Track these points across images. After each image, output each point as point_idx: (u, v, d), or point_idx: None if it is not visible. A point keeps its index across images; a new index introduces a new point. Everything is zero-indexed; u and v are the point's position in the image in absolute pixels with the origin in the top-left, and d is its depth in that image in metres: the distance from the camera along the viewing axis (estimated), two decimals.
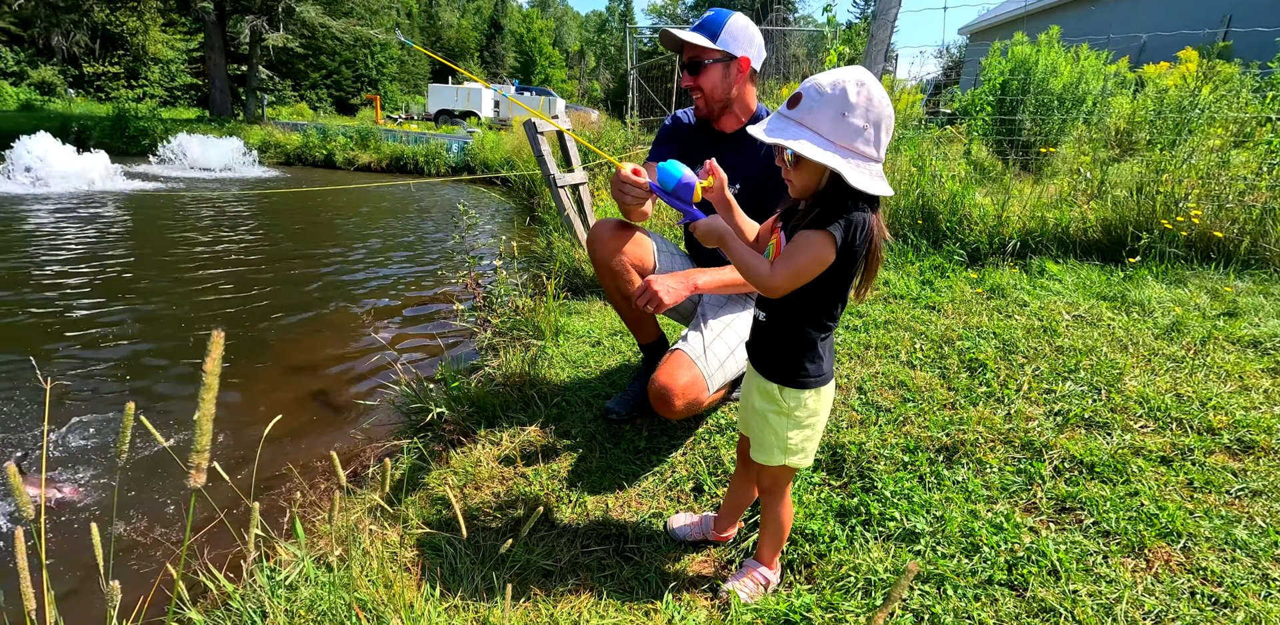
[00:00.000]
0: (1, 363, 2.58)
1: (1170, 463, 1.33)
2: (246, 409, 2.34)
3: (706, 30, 1.49)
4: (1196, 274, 2.50)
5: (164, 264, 4.37)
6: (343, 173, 13.21)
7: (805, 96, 0.89)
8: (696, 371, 1.44)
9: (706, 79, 1.52)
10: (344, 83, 36.02)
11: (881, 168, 0.90)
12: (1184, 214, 2.65)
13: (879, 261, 0.95)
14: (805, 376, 1.01)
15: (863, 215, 0.90)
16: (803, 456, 1.05)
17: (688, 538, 1.31)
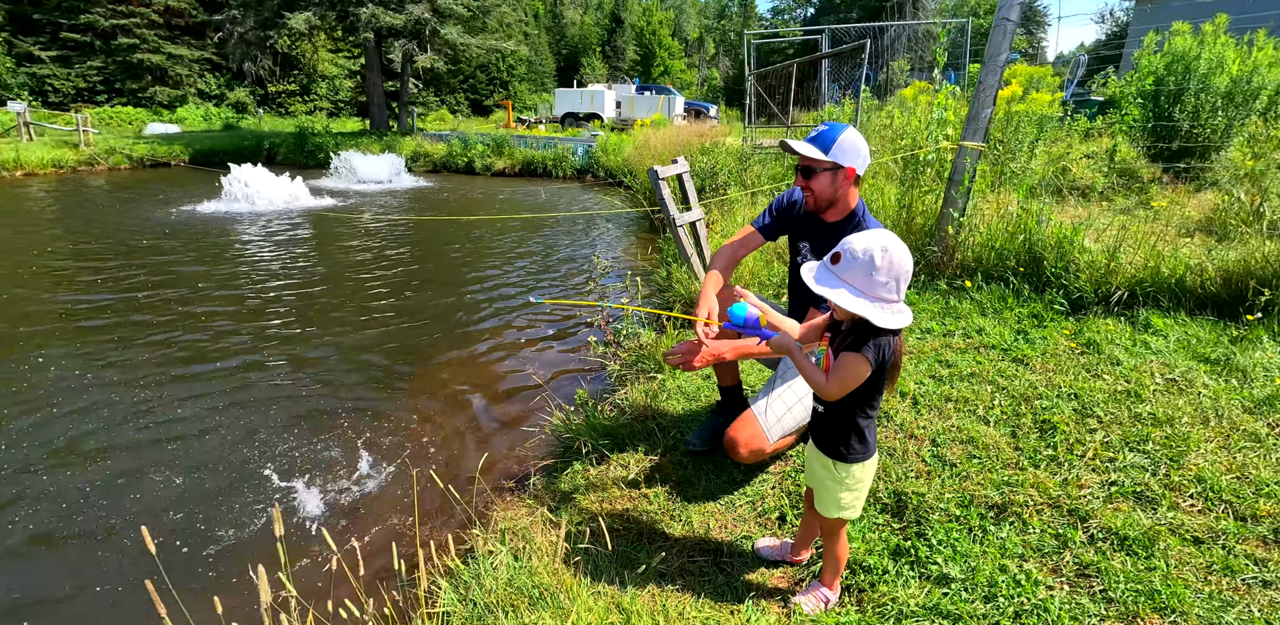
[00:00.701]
0: (234, 368, 3.50)
1: (1201, 543, 1.52)
2: (429, 423, 3.03)
3: (820, 143, 1.74)
4: None
5: (342, 278, 5.38)
6: (481, 178, 14.57)
7: (844, 257, 1.23)
8: (757, 427, 1.85)
9: (817, 183, 1.79)
10: (479, 86, 38.83)
11: (903, 303, 1.24)
12: None
13: (899, 368, 1.30)
14: (853, 454, 1.37)
15: (888, 339, 1.24)
16: (851, 512, 1.41)
17: (770, 557, 1.71)
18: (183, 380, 3.36)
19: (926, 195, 3.51)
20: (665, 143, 9.59)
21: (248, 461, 2.63)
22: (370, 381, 3.40)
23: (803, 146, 1.76)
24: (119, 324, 4.17)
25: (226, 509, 2.32)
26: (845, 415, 1.36)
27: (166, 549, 2.10)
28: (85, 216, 8.26)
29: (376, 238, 7.32)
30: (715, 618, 1.50)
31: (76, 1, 25.33)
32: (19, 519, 2.25)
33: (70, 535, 2.18)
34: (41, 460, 2.61)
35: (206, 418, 2.97)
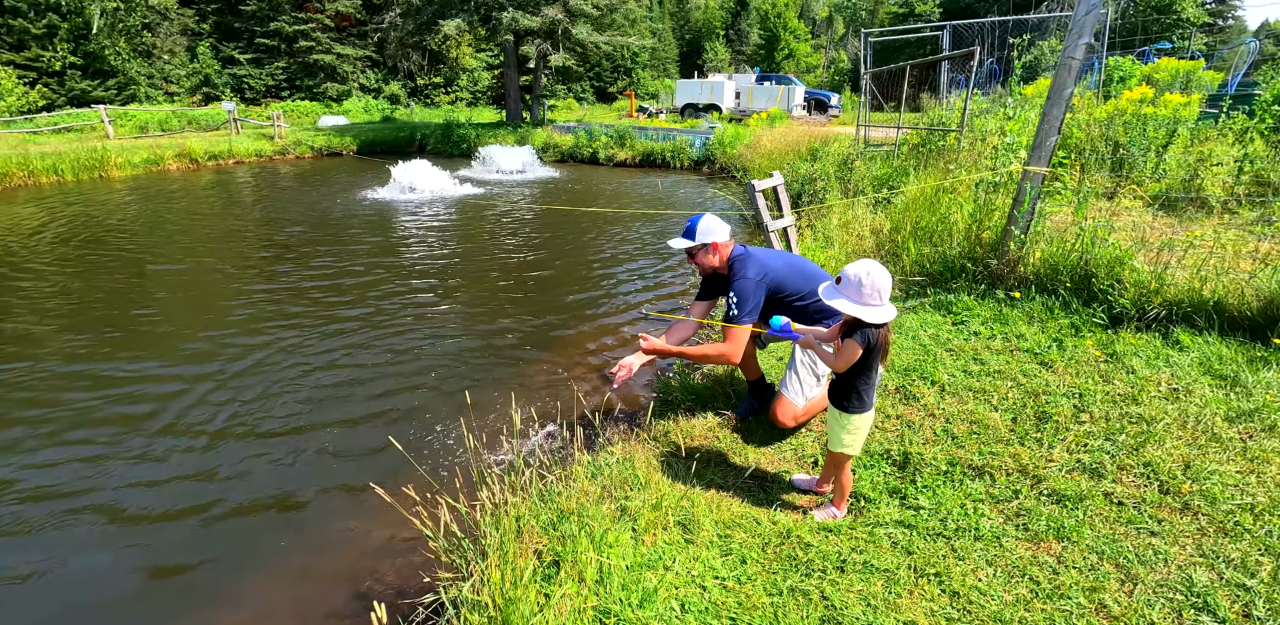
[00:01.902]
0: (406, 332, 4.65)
1: (1121, 505, 2.04)
2: (565, 370, 3.99)
3: (688, 235, 2.60)
4: None
5: (488, 254, 6.54)
6: (604, 168, 15.69)
7: (843, 279, 1.91)
8: (787, 402, 2.60)
9: (700, 260, 2.66)
10: (603, 74, 40.27)
11: (887, 304, 1.88)
12: None
13: (887, 349, 1.94)
14: (852, 407, 2.05)
15: (874, 330, 1.91)
16: (851, 449, 2.08)
17: (801, 487, 2.42)
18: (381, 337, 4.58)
19: (994, 212, 3.90)
20: (776, 142, 10.02)
21: (436, 388, 3.72)
22: (526, 340, 4.44)
23: (676, 243, 2.63)
24: (320, 290, 5.55)
25: (436, 422, 3.40)
26: (848, 381, 2.05)
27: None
28: (284, 199, 10.25)
29: (515, 224, 8.53)
30: (751, 513, 2.24)
31: (267, 11, 29.40)
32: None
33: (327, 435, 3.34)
34: (285, 381, 3.85)
35: (417, 358, 4.13)
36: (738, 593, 1.83)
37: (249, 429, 3.38)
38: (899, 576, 1.82)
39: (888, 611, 1.70)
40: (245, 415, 3.50)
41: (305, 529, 2.66)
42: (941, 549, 1.93)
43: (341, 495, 2.86)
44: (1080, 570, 1.79)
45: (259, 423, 3.43)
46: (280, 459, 3.12)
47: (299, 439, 3.28)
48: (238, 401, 3.65)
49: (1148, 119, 6.76)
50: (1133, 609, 1.65)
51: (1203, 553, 1.82)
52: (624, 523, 2.11)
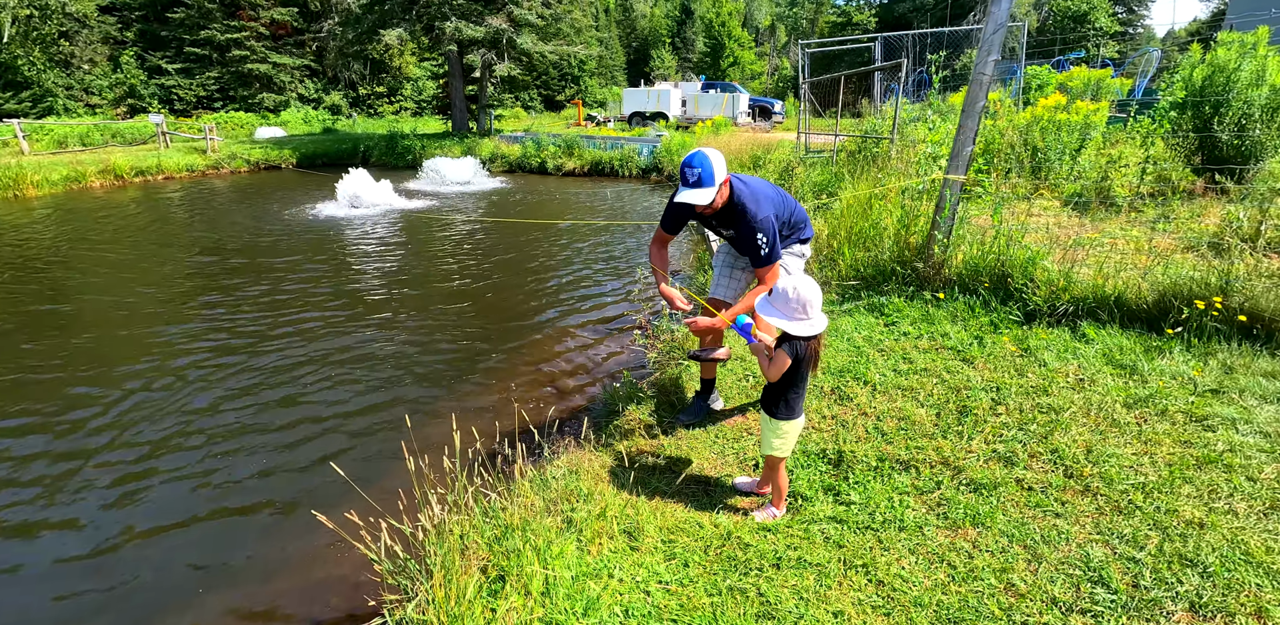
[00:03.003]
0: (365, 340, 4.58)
1: (1030, 490, 2.20)
2: (508, 387, 3.99)
3: (704, 184, 2.27)
4: (1227, 350, 2.95)
5: (432, 270, 6.47)
6: (553, 177, 15.68)
7: (774, 293, 2.02)
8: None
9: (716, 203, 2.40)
10: (551, 82, 40.26)
11: (815, 318, 1.99)
12: (1234, 290, 3.05)
13: (816, 359, 2.04)
14: (779, 414, 2.15)
15: (802, 342, 2.02)
16: (780, 452, 2.18)
17: (742, 489, 2.50)
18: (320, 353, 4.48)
19: (919, 218, 4.12)
20: (720, 150, 10.27)
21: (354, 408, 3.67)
22: (466, 360, 4.41)
23: (697, 197, 2.29)
24: (248, 309, 5.40)
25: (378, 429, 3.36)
26: (779, 389, 2.14)
27: None
28: (217, 217, 9.88)
29: (461, 237, 8.45)
30: (695, 518, 2.32)
31: (196, 18, 28.29)
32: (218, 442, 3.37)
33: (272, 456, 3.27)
34: (211, 408, 3.74)
35: (363, 372, 4.06)
36: (680, 595, 1.89)
37: (181, 458, 3.26)
38: (830, 570, 1.92)
39: (818, 603, 1.80)
40: (177, 444, 3.39)
41: (247, 560, 2.60)
42: (869, 541, 2.04)
43: (283, 523, 2.81)
44: (992, 553, 1.93)
45: (191, 452, 3.32)
46: (216, 489, 3.04)
47: (235, 467, 3.20)
48: (169, 429, 3.52)
49: (1061, 125, 7.22)
50: (1037, 586, 1.79)
51: (1100, 530, 1.98)
52: (570, 534, 2.15)
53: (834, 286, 4.42)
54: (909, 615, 1.73)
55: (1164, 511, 2.02)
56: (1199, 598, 1.69)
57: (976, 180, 4.81)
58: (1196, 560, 1.81)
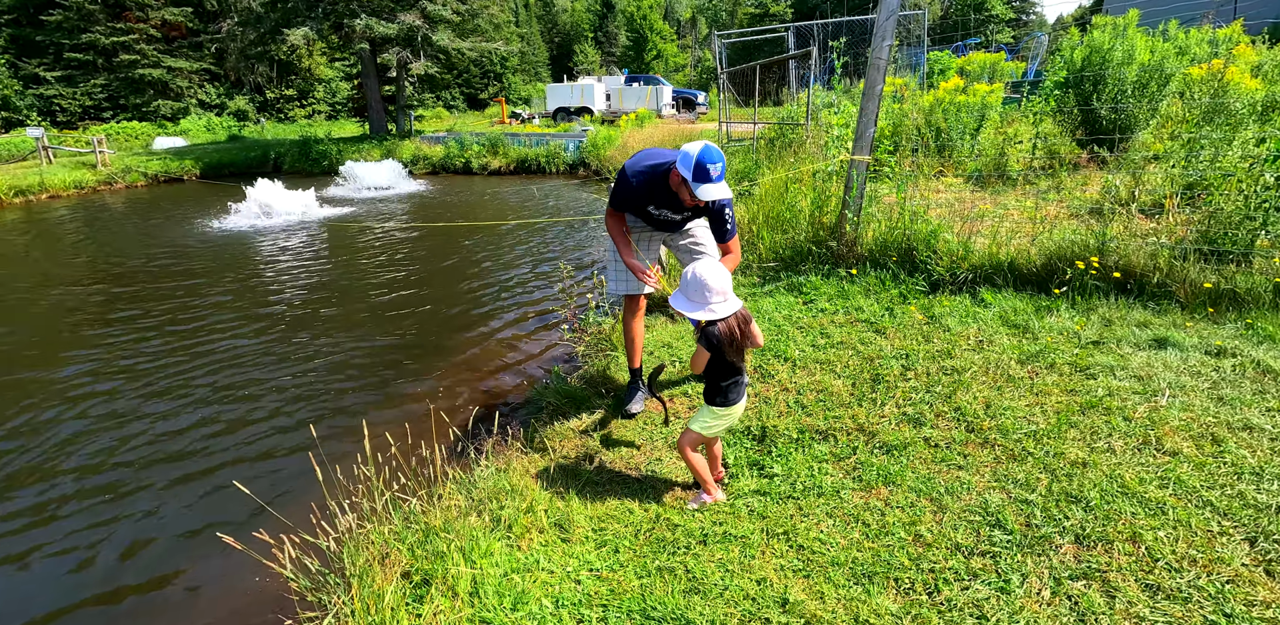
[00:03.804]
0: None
1: (936, 447, 2.33)
2: (434, 392, 3.89)
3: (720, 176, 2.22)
4: (1105, 304, 3.21)
5: (353, 279, 6.23)
6: (478, 177, 15.34)
7: (682, 280, 2.05)
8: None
9: None
10: (473, 80, 39.32)
11: (723, 303, 2.01)
12: (1109, 250, 3.31)
13: (737, 345, 2.05)
14: (715, 402, 2.18)
15: (714, 328, 2.04)
16: (707, 432, 2.21)
17: None
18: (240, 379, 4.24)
19: (831, 199, 4.27)
20: (645, 142, 10.30)
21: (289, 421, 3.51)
22: (390, 369, 4.27)
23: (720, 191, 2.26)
24: (153, 339, 5.05)
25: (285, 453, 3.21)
26: (711, 380, 2.16)
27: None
28: (110, 237, 9.16)
29: (382, 244, 8.16)
30: (625, 504, 2.32)
31: (76, 21, 26.05)
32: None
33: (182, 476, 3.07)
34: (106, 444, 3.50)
35: (269, 397, 3.86)
36: (610, 580, 1.90)
37: (83, 482, 3.02)
38: (753, 540, 1.97)
39: (742, 573, 1.84)
40: (79, 468, 3.13)
41: (156, 590, 2.43)
42: (790, 510, 2.11)
43: (191, 548, 2.64)
44: (902, 508, 2.03)
45: (93, 476, 3.08)
46: (119, 516, 2.83)
47: (139, 494, 2.99)
48: (73, 455, 3.25)
49: (961, 106, 7.61)
50: (942, 535, 1.90)
51: (997, 478, 2.12)
52: (498, 531, 2.12)
53: (755, 269, 4.53)
54: (826, 575, 1.80)
55: (1052, 455, 2.18)
56: (1083, 530, 1.84)
57: (883, 160, 5.03)
58: (1080, 496, 1.96)
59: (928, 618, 1.62)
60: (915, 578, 1.75)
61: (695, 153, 2.26)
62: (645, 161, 2.56)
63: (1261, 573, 1.65)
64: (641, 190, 2.57)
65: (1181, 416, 2.30)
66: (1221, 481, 1.97)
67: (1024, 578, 1.71)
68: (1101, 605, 1.60)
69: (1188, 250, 3.23)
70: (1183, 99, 6.48)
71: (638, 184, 2.55)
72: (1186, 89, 6.35)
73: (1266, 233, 3.25)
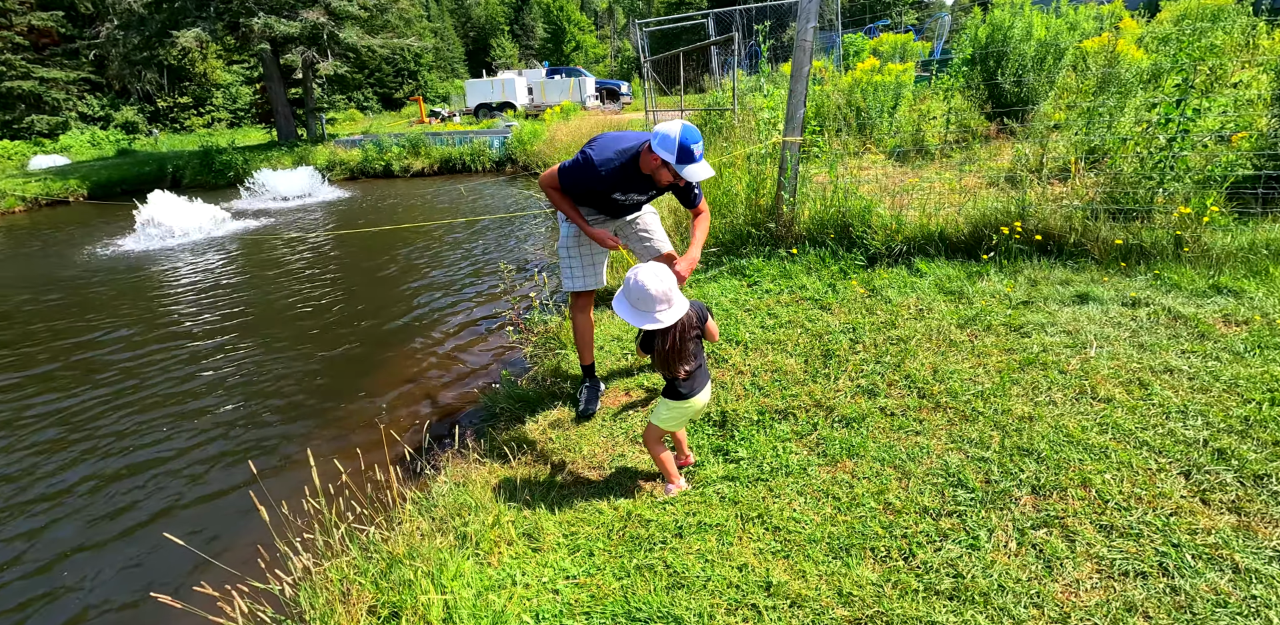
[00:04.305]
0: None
1: (892, 415, 2.38)
2: (377, 410, 3.70)
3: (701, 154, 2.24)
4: (1030, 266, 3.37)
5: (276, 298, 5.87)
6: (400, 180, 14.75)
7: (624, 287, 1.98)
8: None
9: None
10: (386, 79, 37.71)
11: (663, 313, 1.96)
12: (1029, 215, 3.48)
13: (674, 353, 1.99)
14: (670, 395, 2.13)
15: (659, 337, 1.99)
16: (664, 424, 2.17)
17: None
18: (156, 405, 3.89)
19: (766, 181, 4.30)
20: (571, 134, 10.14)
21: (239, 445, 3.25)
22: (326, 390, 4.02)
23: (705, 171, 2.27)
24: (46, 382, 4.60)
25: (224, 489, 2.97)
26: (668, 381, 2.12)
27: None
28: None
29: (305, 256, 7.70)
30: (594, 505, 2.26)
31: None
32: None
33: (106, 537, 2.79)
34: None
35: (210, 429, 3.55)
36: (589, 586, 1.84)
37: None
38: (729, 527, 1.96)
39: (723, 562, 1.82)
40: None
41: None
42: (761, 492, 2.10)
43: (135, 620, 2.40)
44: (869, 479, 2.06)
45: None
46: (41, 595, 2.53)
47: (61, 566, 2.69)
48: None
49: (878, 86, 7.85)
50: (910, 500, 1.94)
51: (953, 439, 2.18)
52: (465, 550, 2.02)
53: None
54: (805, 553, 1.80)
55: (1000, 412, 2.26)
56: (1038, 481, 1.91)
57: (811, 141, 5.11)
58: (1031, 449, 2.04)
59: (907, 582, 1.64)
60: (890, 545, 1.77)
61: (676, 134, 2.22)
62: (612, 147, 2.45)
63: (1199, 502, 1.77)
64: (610, 178, 2.47)
65: (1110, 365, 2.43)
66: (1153, 422, 2.09)
67: (990, 532, 1.76)
68: (1064, 550, 1.67)
69: (1098, 210, 3.43)
70: (1076, 71, 6.93)
71: (607, 173, 2.44)
72: (1079, 62, 6.78)
73: (1163, 190, 3.49)
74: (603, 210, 2.75)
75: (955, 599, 1.58)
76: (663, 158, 2.27)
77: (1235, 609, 1.46)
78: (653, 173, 2.42)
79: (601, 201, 2.66)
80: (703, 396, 2.13)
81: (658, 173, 2.39)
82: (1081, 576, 1.60)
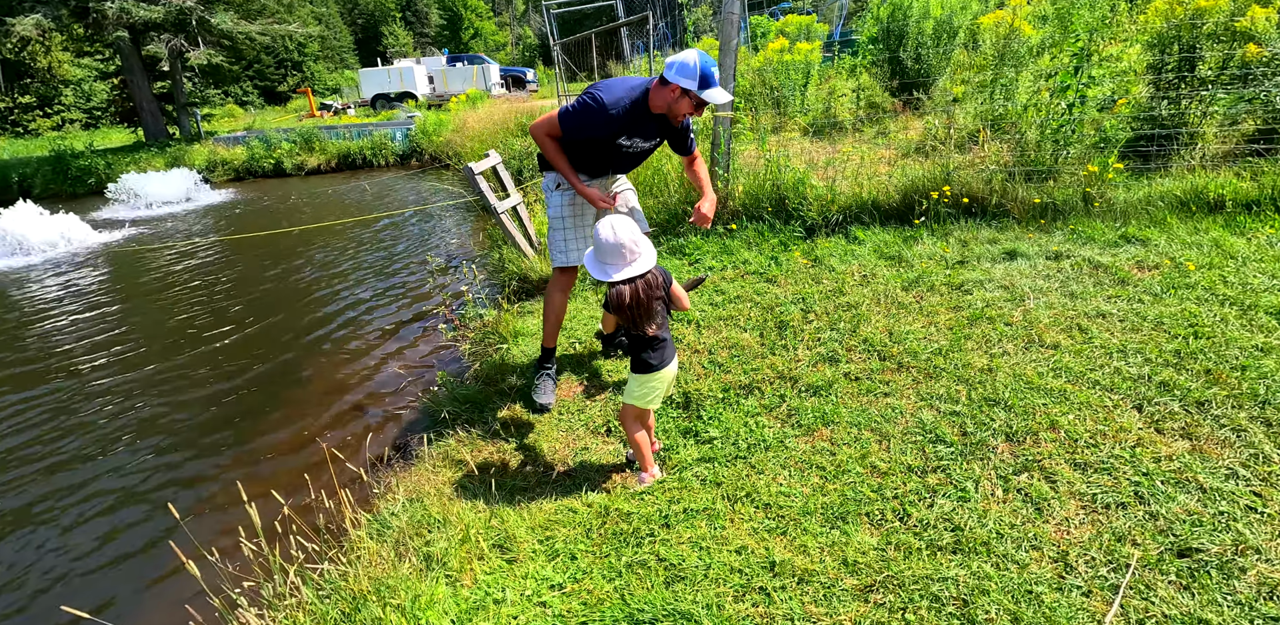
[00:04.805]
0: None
1: (858, 380, 2.37)
2: (308, 430, 3.34)
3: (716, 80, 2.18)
4: (959, 227, 3.49)
5: (165, 317, 5.23)
6: (294, 178, 13.64)
7: (595, 240, 1.84)
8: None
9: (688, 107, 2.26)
10: (268, 71, 34.82)
11: (630, 261, 1.84)
12: (953, 180, 3.61)
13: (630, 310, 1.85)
14: (637, 369, 2.01)
15: (614, 290, 1.85)
16: (639, 402, 2.03)
17: (632, 458, 2.30)
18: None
19: None
20: (483, 122, 9.68)
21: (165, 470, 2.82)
22: (248, 411, 3.59)
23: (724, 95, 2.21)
24: None
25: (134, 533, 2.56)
26: (633, 350, 1.99)
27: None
28: None
29: (196, 269, 6.92)
30: (566, 504, 2.10)
31: None
32: None
33: None
34: None
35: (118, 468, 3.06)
36: (579, 593, 1.68)
37: None
38: (718, 510, 1.86)
39: (719, 548, 1.72)
40: None
41: None
42: (743, 470, 2.02)
43: None
44: (849, 445, 2.03)
45: None
46: None
47: None
48: None
49: (789, 65, 7.97)
50: (894, 460, 1.92)
51: (921, 397, 2.19)
52: (434, 572, 1.81)
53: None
54: (802, 526, 1.73)
55: (961, 367, 2.30)
56: (1010, 428, 1.95)
57: (736, 117, 5.10)
58: (998, 399, 2.08)
59: (909, 542, 1.61)
60: (884, 508, 1.74)
61: (694, 60, 2.14)
62: (620, 87, 2.30)
63: (1154, 432, 1.85)
64: (620, 120, 2.31)
65: (1049, 314, 2.54)
66: (1100, 363, 2.19)
67: (976, 483, 1.76)
68: (1048, 491, 1.70)
69: (1015, 173, 3.60)
70: (967, 48, 7.32)
71: (618, 113, 2.28)
72: (971, 39, 7.16)
73: (1067, 153, 3.71)
74: (596, 170, 2.56)
75: (959, 552, 1.56)
76: (683, 86, 2.17)
77: (1210, 526, 1.53)
78: (667, 108, 2.29)
79: (602, 153, 2.46)
80: (672, 368, 2.03)
81: (673, 106, 2.27)
82: (1069, 514, 1.63)
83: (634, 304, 1.87)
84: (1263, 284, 2.50)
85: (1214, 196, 3.23)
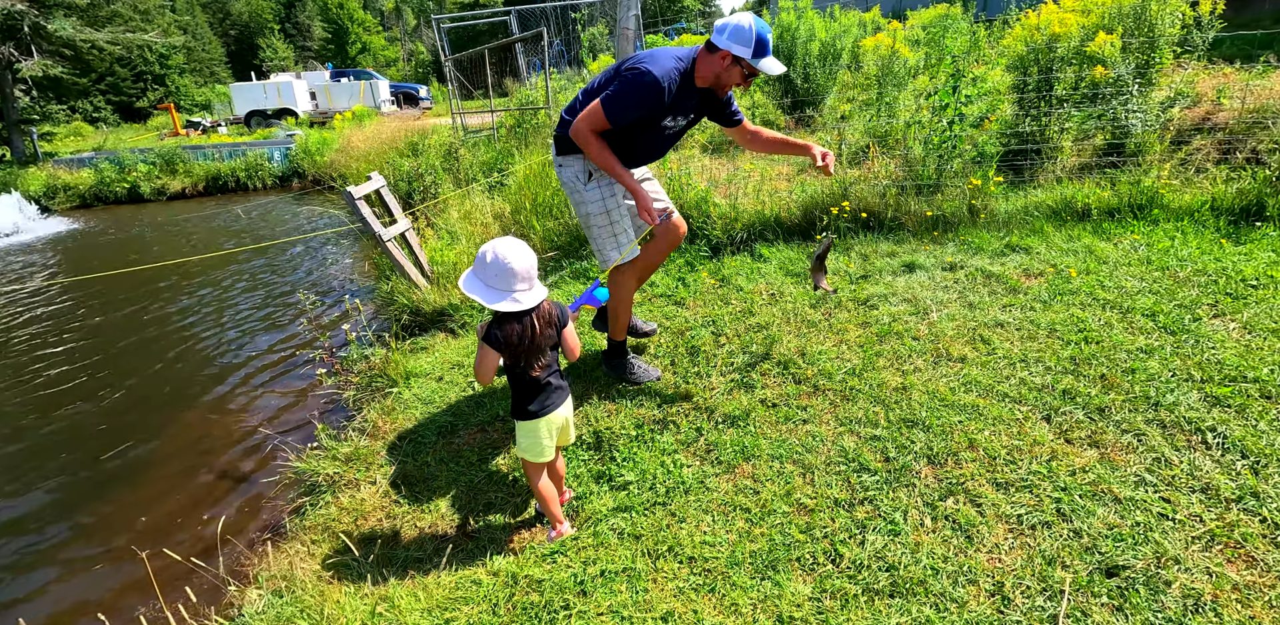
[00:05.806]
0: None
1: (775, 406, 2.27)
2: (153, 506, 2.82)
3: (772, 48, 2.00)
4: (860, 242, 3.55)
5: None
6: (154, 204, 12.25)
7: (478, 261, 1.61)
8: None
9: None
10: (123, 85, 31.43)
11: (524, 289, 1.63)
12: (851, 195, 3.68)
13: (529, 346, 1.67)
14: (517, 416, 1.78)
15: (497, 328, 1.64)
16: (530, 455, 1.80)
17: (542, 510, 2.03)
18: None
19: None
20: (370, 142, 9.09)
21: None
22: (74, 473, 2.98)
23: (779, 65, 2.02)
24: None
25: None
26: (513, 389, 1.76)
27: None
28: None
29: (22, 314, 5.90)
30: (469, 575, 1.82)
31: None
32: None
33: None
34: None
35: None
36: None
37: None
38: (638, 570, 1.66)
39: (643, 615, 1.51)
40: None
41: None
42: (663, 519, 1.83)
43: None
44: (772, 481, 1.90)
45: None
46: None
47: None
48: None
49: None
50: (820, 495, 1.80)
51: (840, 421, 2.11)
52: None
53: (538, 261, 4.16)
54: (730, 581, 1.56)
55: (876, 386, 2.25)
56: (930, 450, 1.89)
57: None
58: (915, 419, 2.03)
59: (844, 589, 1.48)
60: (814, 550, 1.61)
61: (750, 24, 1.94)
62: (666, 57, 2.05)
63: (1065, 443, 1.86)
64: (674, 93, 2.04)
65: (952, 326, 2.57)
66: (1005, 374, 2.21)
67: (905, 513, 1.68)
68: (975, 516, 1.64)
69: (905, 187, 3.72)
70: (850, 69, 7.73)
71: (671, 86, 2.02)
72: (853, 61, 7.56)
73: (950, 167, 3.89)
74: (628, 162, 2.24)
75: (895, 595, 1.45)
76: (735, 53, 1.97)
77: (1131, 540, 1.51)
78: (714, 79, 2.07)
79: (640, 139, 2.19)
80: (560, 412, 1.82)
81: (722, 77, 2.05)
82: (998, 539, 1.57)
83: (527, 340, 1.66)
84: (1135, 287, 2.66)
85: (1081, 206, 3.47)
